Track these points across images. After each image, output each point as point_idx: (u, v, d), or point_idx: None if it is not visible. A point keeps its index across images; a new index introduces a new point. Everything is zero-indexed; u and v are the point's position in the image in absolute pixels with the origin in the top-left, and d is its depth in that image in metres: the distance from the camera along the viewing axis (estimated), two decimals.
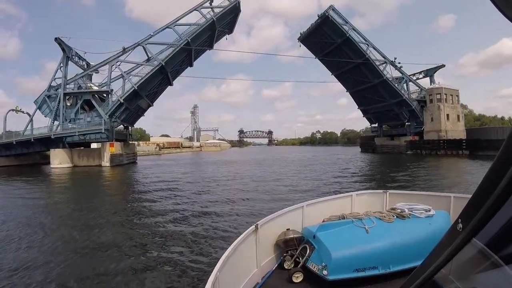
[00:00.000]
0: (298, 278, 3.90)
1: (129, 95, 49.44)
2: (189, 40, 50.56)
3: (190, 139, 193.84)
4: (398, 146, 68.25)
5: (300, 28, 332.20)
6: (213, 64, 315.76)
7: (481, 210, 0.95)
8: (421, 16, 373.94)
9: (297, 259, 4.19)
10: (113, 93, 50.56)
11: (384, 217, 4.36)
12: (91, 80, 55.45)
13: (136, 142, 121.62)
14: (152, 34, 52.17)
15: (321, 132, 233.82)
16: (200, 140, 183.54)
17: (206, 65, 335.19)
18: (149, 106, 60.63)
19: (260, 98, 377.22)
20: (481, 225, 1.00)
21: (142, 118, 61.65)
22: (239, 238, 3.67)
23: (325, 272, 3.70)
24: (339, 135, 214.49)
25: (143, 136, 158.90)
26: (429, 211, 4.50)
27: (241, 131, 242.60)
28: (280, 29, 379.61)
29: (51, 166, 46.64)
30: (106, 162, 47.82)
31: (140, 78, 49.74)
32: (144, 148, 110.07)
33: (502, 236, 1.05)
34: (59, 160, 47.78)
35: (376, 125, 77.18)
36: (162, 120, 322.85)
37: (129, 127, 61.49)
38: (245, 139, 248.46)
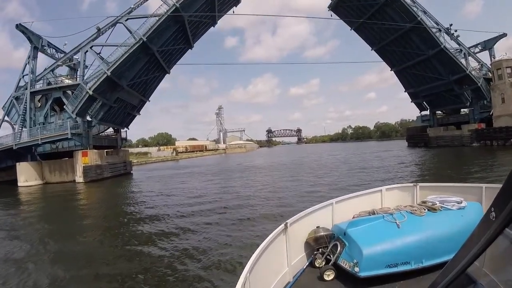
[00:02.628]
0: (329, 276, 3.70)
1: (101, 85, 35.94)
2: (178, 6, 36.29)
3: (216, 141, 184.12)
4: (459, 137, 52.57)
5: (326, 24, 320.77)
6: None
7: None
8: (448, 3, 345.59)
9: (328, 257, 3.98)
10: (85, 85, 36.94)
11: (415, 210, 4.19)
12: (76, 75, 42.69)
13: (157, 148, 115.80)
14: (132, 6, 38.36)
15: (353, 127, 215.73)
16: (226, 142, 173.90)
17: (232, 66, 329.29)
18: (142, 101, 47.22)
19: (287, 96, 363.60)
20: None
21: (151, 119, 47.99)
22: (268, 238, 3.47)
23: (356, 269, 3.51)
24: (372, 129, 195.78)
25: (169, 141, 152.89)
26: (461, 202, 4.27)
27: (269, 131, 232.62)
28: (305, 26, 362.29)
29: (18, 184, 35.80)
30: (79, 177, 35.91)
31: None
32: (160, 153, 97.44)
33: None
34: (25, 177, 36.43)
35: (428, 112, 60.70)
36: (192, 124, 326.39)
37: (120, 130, 48.27)
38: (273, 139, 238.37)
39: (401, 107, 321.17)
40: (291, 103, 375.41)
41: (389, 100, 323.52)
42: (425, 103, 59.56)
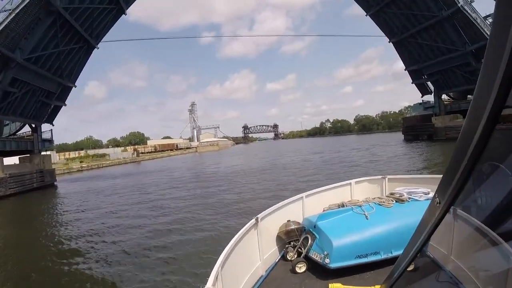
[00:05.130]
0: (301, 268, 3.80)
1: None
2: None
3: (190, 139, 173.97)
4: None
5: (302, 19, 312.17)
6: (216, 59, 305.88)
7: (452, 184, 1.04)
8: None
9: (299, 250, 4.09)
10: None
11: (383, 202, 4.28)
12: None
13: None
14: None
15: (331, 121, 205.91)
16: (200, 140, 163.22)
17: (209, 60, 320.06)
18: (63, 86, 34.13)
19: (264, 92, 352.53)
20: (453, 197, 1.08)
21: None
22: (239, 233, 3.52)
23: (327, 260, 3.60)
24: (351, 122, 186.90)
25: (142, 140, 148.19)
26: (428, 193, 4.33)
27: (245, 127, 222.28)
28: (282, 21, 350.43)
29: None
30: None
31: None
32: (119, 155, 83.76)
33: (480, 202, 1.31)
34: None
35: (432, 98, 49.47)
36: (168, 122, 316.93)
37: (39, 128, 35.00)
38: (250, 135, 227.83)
39: (376, 101, 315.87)
40: (268, 99, 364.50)
41: (365, 95, 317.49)
42: (429, 85, 48.55)
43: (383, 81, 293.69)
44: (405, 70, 48.62)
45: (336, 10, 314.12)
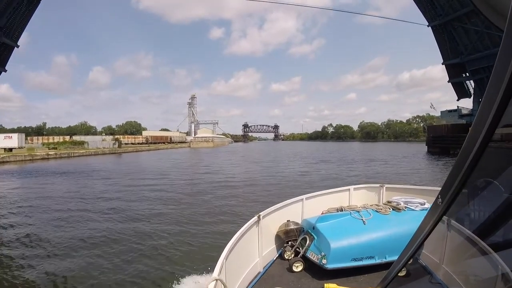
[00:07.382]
0: (298, 267, 3.86)
1: None
2: None
3: (188, 133, 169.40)
4: None
5: (313, 22, 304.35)
6: (223, 56, 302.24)
7: (452, 187, 1.19)
8: None
9: (297, 249, 4.15)
10: None
11: (381, 209, 4.36)
12: None
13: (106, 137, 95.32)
14: None
15: (334, 125, 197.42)
16: (197, 134, 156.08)
17: (216, 56, 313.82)
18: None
19: (268, 92, 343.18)
20: (453, 199, 1.23)
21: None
22: (242, 228, 3.57)
23: (324, 261, 3.66)
24: (355, 129, 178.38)
25: (138, 130, 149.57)
26: (424, 204, 4.46)
27: (245, 125, 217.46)
28: (293, 23, 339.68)
29: None
30: None
31: None
32: (98, 144, 74.48)
33: (472, 213, 1.46)
34: None
35: (471, 100, 39.51)
36: (171, 115, 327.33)
37: None
38: (250, 134, 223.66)
39: (379, 110, 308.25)
40: (272, 99, 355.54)
41: (368, 103, 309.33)
42: (469, 85, 39.09)
43: (387, 91, 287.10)
44: (442, 64, 38.90)
45: (348, 18, 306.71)
